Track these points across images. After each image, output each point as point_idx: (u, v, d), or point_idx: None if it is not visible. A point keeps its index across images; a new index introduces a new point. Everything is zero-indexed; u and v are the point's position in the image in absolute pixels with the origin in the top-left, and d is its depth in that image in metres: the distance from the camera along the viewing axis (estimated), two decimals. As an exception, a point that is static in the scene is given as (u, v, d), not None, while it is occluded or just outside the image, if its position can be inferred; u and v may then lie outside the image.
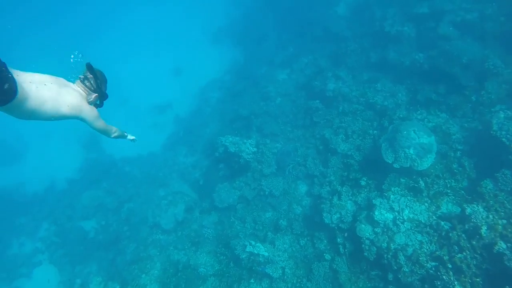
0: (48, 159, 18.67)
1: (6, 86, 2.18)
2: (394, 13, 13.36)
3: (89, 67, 3.03)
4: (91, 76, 3.05)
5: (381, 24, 13.51)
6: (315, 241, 9.41)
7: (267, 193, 11.13)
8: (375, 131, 10.46)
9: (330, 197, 9.57)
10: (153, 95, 21.19)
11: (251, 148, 11.04)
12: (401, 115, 9.99)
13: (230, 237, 10.66)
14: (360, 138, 10.66)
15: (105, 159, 17.25)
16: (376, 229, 7.84)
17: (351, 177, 9.77)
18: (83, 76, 3.06)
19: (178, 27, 25.66)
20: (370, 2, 15.24)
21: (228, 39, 22.75)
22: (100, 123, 3.15)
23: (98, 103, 3.21)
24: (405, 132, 8.42)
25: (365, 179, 9.36)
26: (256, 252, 9.11)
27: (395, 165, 8.49)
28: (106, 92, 3.26)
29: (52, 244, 14.45)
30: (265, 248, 9.36)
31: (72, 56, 3.03)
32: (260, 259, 9.17)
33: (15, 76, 2.33)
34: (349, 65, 13.67)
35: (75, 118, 2.93)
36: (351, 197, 9.11)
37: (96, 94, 3.11)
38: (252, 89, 16.51)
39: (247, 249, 9.27)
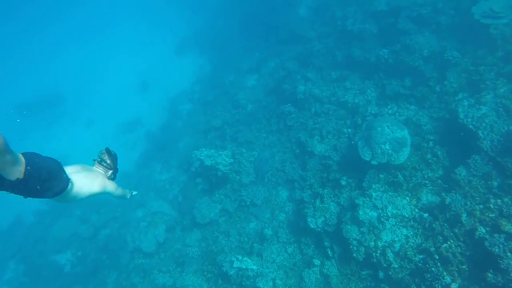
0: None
1: (68, 186, 2.91)
2: (354, 11, 13.63)
3: (109, 152, 3.67)
4: (109, 158, 3.66)
5: (343, 23, 13.74)
6: (302, 247, 9.27)
7: (248, 203, 10.89)
8: (349, 129, 10.52)
9: (313, 200, 9.47)
10: (121, 113, 20.40)
11: (227, 159, 10.77)
12: (372, 111, 10.11)
13: (215, 253, 10.31)
14: (336, 138, 10.70)
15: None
16: (362, 229, 7.80)
17: (331, 177, 9.74)
18: (99, 159, 3.62)
19: (140, 42, 24.94)
20: (330, 2, 15.52)
21: (193, 49, 22.42)
22: (119, 191, 3.79)
23: (112, 177, 3.77)
24: (379, 129, 8.48)
25: (345, 179, 9.35)
26: (244, 266, 8.84)
27: (373, 162, 8.52)
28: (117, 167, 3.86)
29: (21, 286, 13.37)
30: (253, 262, 9.10)
31: None
32: (249, 273, 8.89)
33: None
34: (317, 66, 13.76)
35: (101, 194, 3.48)
36: (333, 199, 9.05)
37: (112, 171, 3.71)
38: (223, 97, 16.30)
39: (235, 265, 8.96)
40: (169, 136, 16.64)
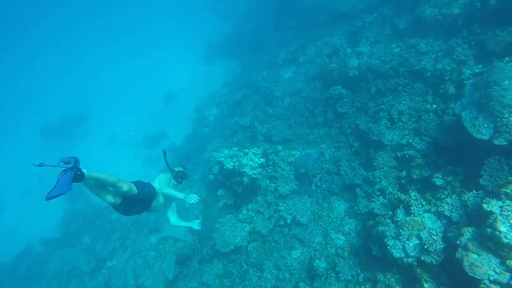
0: (26, 218, 15.73)
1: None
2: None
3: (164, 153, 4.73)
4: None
5: (403, -19, 10.49)
6: (379, 290, 5.65)
7: (289, 221, 7.58)
8: (434, 106, 6.97)
9: (390, 212, 5.94)
10: (145, 128, 18.41)
11: (257, 160, 7.67)
12: (476, 71, 6.50)
13: (243, 297, 7.01)
14: (414, 118, 7.19)
15: (90, 209, 14.06)
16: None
17: (415, 176, 6.20)
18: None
19: (167, 54, 23.50)
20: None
21: (222, 55, 20.29)
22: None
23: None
24: (506, 82, 4.91)
25: (441, 176, 5.76)
26: (284, 323, 5.42)
27: (498, 141, 4.89)
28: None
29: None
30: (299, 314, 5.66)
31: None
32: (294, 334, 5.45)
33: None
34: (371, 40, 10.52)
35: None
36: (428, 207, 5.45)
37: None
38: (254, 96, 13.47)
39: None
40: (193, 146, 14.03)
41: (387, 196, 6.38)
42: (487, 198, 4.35)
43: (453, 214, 4.98)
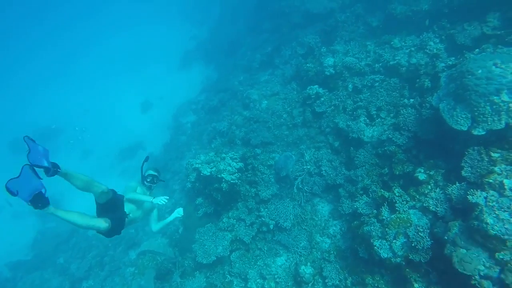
0: (-5, 240, 14.62)
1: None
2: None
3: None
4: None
5: (373, -20, 10.57)
6: (368, 293, 5.42)
7: (272, 227, 7.29)
8: (411, 100, 6.90)
9: (375, 211, 5.76)
10: (121, 139, 17.72)
11: (235, 165, 7.35)
12: (449, 63, 6.48)
13: (228, 310, 6.62)
14: (393, 114, 7.10)
15: (65, 227, 13.24)
16: (498, 253, 3.95)
17: (397, 172, 6.06)
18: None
19: (141, 61, 22.91)
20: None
21: (198, 61, 19.99)
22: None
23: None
24: (479, 71, 4.84)
25: (423, 170, 5.64)
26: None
27: (476, 131, 4.80)
28: None
29: None
30: (287, 325, 5.34)
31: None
32: None
33: None
34: (345, 38, 10.45)
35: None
36: (412, 203, 5.29)
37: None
38: (232, 101, 13.18)
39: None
40: (171, 154, 13.54)
41: (371, 195, 6.20)
42: (471, 190, 4.22)
43: (438, 209, 4.83)
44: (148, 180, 4.61)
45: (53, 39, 32.64)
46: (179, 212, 4.85)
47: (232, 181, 7.15)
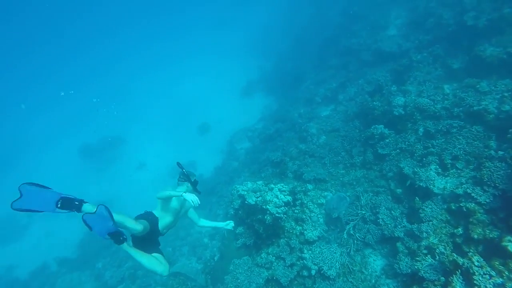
0: (50, 235, 15.70)
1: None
2: (476, 2, 9.65)
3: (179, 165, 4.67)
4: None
5: (459, 21, 9.81)
6: None
7: (313, 272, 6.48)
8: (500, 152, 5.84)
9: (442, 278, 4.73)
10: (176, 156, 18.31)
11: (282, 197, 6.82)
12: (554, 113, 5.40)
13: None
14: (473, 166, 6.07)
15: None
16: None
17: (475, 236, 4.99)
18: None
19: (208, 86, 24.12)
20: (432, 8, 11.83)
21: (260, 90, 20.41)
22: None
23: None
24: None
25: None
26: None
27: None
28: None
29: None
30: None
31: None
32: None
33: None
34: (419, 79, 9.65)
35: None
36: (499, 280, 4.20)
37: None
38: (289, 132, 12.88)
39: None
40: (221, 178, 13.47)
41: (438, 257, 5.17)
42: None
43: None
44: (183, 176, 4.75)
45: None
46: (230, 224, 5.27)
47: (277, 215, 6.61)
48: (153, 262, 3.80)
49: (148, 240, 4.23)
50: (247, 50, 26.04)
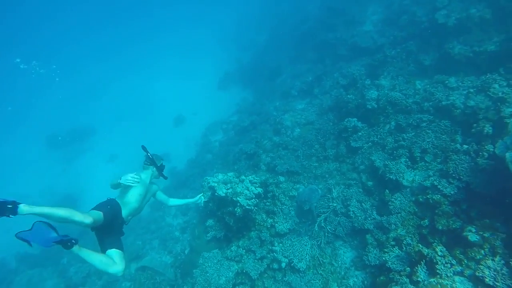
0: (13, 228, 14.78)
1: None
2: (447, 2, 9.83)
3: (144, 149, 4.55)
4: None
5: (431, 18, 9.96)
6: None
7: (284, 265, 6.41)
8: (465, 146, 5.96)
9: (408, 268, 4.77)
10: (149, 148, 17.75)
11: (253, 189, 6.67)
12: (517, 108, 5.55)
13: None
14: (440, 159, 6.17)
15: (75, 226, 13.05)
16: None
17: (440, 227, 5.06)
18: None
19: (184, 77, 23.55)
20: (406, 6, 12.01)
21: (237, 83, 20.09)
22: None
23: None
24: None
25: (475, 230, 4.61)
26: None
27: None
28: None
29: None
30: None
31: None
32: None
33: None
34: (392, 74, 9.75)
35: None
36: (459, 268, 4.27)
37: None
38: (264, 125, 12.75)
39: None
40: (193, 171, 13.16)
41: (405, 248, 5.21)
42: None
43: (498, 284, 3.79)
44: (149, 159, 4.75)
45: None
46: (200, 199, 5.53)
47: (247, 207, 6.45)
48: (106, 262, 3.57)
49: (110, 229, 3.99)
50: (226, 43, 25.62)
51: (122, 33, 38.01)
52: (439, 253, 4.38)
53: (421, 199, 5.64)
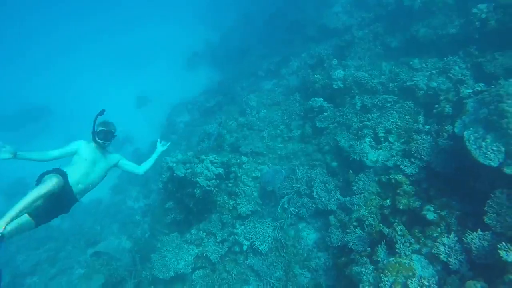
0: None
1: None
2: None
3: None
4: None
5: (397, 1, 9.88)
6: None
7: (245, 248, 6.22)
8: (427, 126, 5.97)
9: (369, 249, 4.72)
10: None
11: (214, 169, 6.34)
12: (478, 89, 5.58)
13: None
14: (403, 140, 6.16)
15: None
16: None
17: (401, 207, 5.03)
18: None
19: (146, 57, 22.31)
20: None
21: (205, 64, 19.31)
22: None
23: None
24: (523, 95, 3.92)
25: (433, 209, 4.63)
26: None
27: (510, 169, 3.84)
28: None
29: None
30: None
31: None
32: None
33: None
34: (359, 55, 9.66)
35: None
36: (417, 246, 4.26)
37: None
38: (230, 105, 12.34)
39: None
40: (157, 153, 12.46)
41: (366, 228, 5.16)
42: (503, 244, 3.19)
43: (451, 260, 3.80)
44: (100, 137, 3.92)
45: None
46: (163, 144, 4.83)
47: (207, 188, 6.13)
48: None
49: (58, 203, 3.50)
50: (193, 21, 24.48)
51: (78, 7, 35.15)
52: (399, 233, 4.34)
53: (384, 179, 5.60)
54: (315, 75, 8.96)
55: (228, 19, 21.64)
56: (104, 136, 3.95)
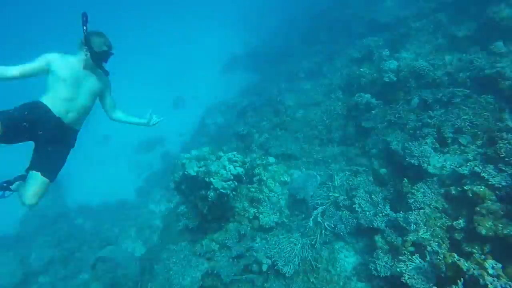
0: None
1: None
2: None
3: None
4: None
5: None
6: None
7: (265, 267, 4.98)
8: (517, 125, 4.38)
9: (433, 287, 3.27)
10: (144, 131, 16.56)
11: (232, 169, 5.25)
12: None
13: None
14: (481, 141, 4.62)
15: (53, 209, 11.92)
16: None
17: (484, 232, 3.53)
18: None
19: (187, 59, 22.29)
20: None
21: (243, 67, 18.71)
22: None
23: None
24: None
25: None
26: None
27: None
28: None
29: None
30: None
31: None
32: None
33: None
34: (417, 48, 8.16)
35: None
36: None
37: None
38: (265, 107, 11.29)
39: None
40: (184, 154, 11.77)
41: (429, 257, 3.70)
42: None
43: None
44: (105, 59, 3.15)
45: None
46: (152, 118, 3.99)
47: (223, 190, 5.05)
48: (21, 192, 2.99)
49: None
50: (238, 27, 24.27)
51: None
52: (490, 271, 2.86)
53: (454, 192, 4.11)
54: (361, 69, 7.63)
55: (271, 25, 21.01)
56: (107, 58, 3.16)
